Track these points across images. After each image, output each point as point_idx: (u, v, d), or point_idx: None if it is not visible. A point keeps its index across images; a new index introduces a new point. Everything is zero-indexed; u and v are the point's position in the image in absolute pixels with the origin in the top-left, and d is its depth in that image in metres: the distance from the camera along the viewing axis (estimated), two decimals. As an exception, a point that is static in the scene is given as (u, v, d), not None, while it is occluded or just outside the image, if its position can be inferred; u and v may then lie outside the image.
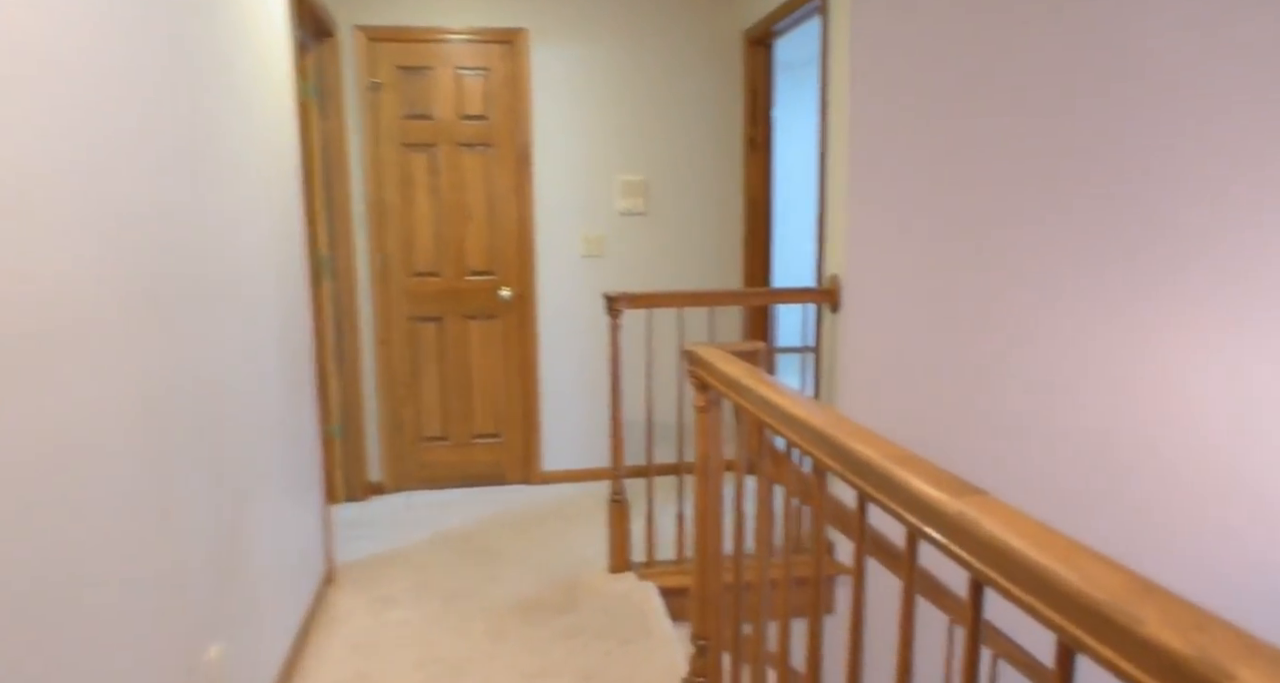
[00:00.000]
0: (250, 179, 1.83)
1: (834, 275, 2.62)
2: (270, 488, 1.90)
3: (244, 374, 1.71)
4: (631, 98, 3.35)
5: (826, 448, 0.87)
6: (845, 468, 0.83)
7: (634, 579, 2.53)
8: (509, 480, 3.45)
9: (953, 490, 0.66)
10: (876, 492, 0.78)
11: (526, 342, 3.38)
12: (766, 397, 1.02)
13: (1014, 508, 0.62)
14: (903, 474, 0.71)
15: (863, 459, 0.79)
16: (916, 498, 0.69)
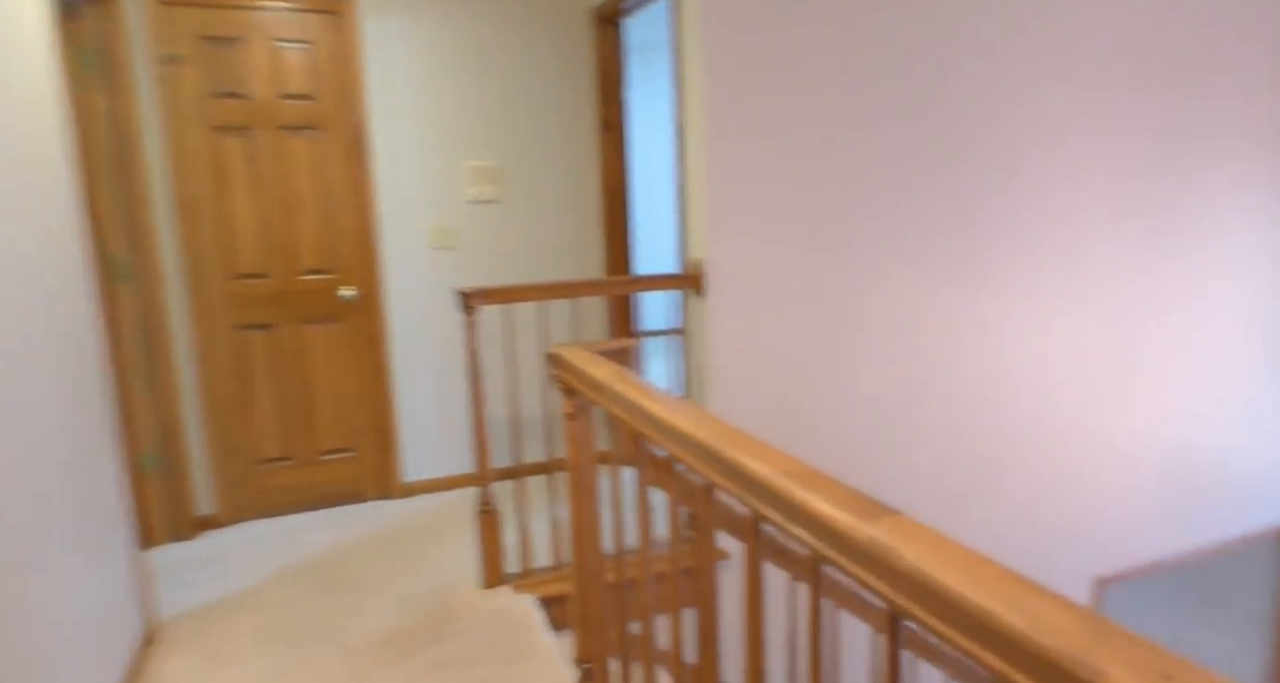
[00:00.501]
0: None
1: (697, 260, 2.56)
2: (50, 543, 1.56)
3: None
4: (477, 78, 3.12)
5: (714, 463, 0.77)
6: (736, 485, 0.73)
7: (510, 593, 2.37)
8: (366, 497, 3.16)
9: (863, 513, 0.57)
10: (773, 512, 0.68)
11: (375, 344, 3.09)
12: (642, 405, 0.90)
13: (935, 531, 0.54)
14: (803, 494, 0.62)
15: (756, 477, 0.69)
16: (820, 521, 0.60)
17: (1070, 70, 2.86)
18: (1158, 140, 3.06)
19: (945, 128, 2.72)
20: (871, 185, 2.65)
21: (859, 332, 2.71)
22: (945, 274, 2.80)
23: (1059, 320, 3.01)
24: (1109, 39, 2.90)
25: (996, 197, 2.83)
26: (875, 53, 2.58)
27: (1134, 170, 3.04)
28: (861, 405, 2.74)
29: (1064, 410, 3.08)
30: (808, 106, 2.54)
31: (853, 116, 2.59)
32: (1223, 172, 3.21)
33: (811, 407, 2.67)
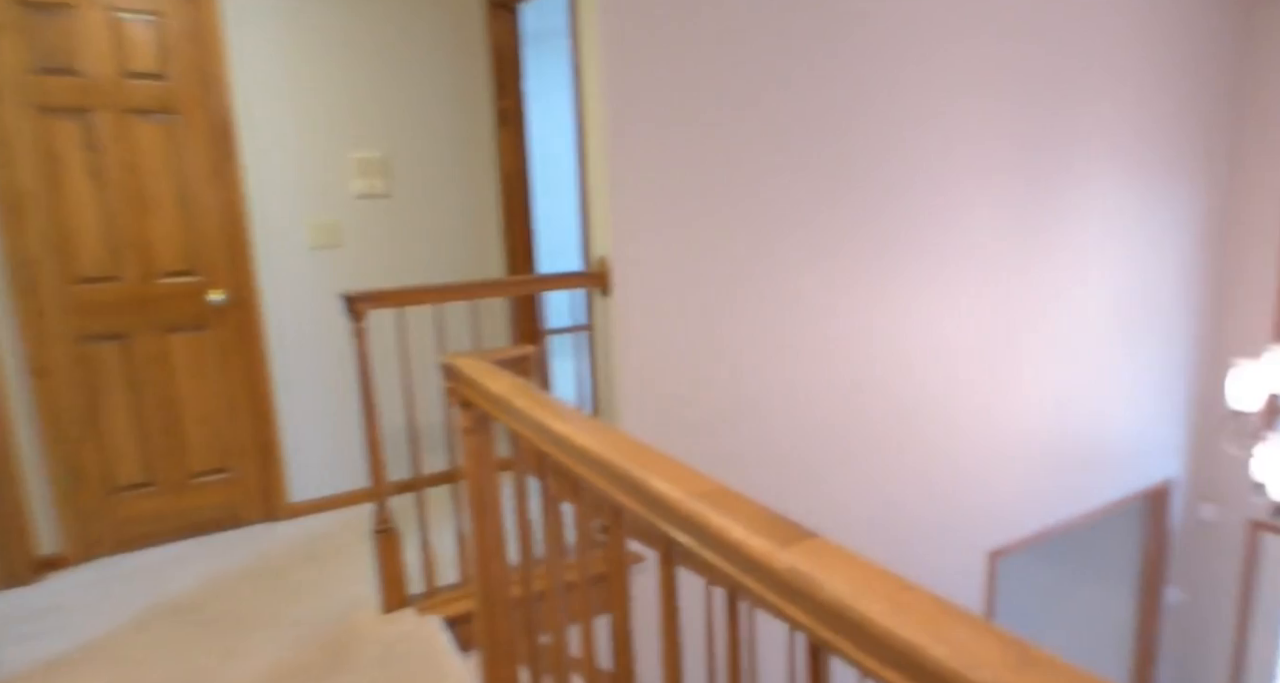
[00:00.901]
0: None
1: (602, 258, 2.52)
2: None
3: None
4: (362, 62, 2.95)
5: (622, 485, 0.73)
6: (646, 509, 0.70)
7: (413, 616, 2.26)
8: (246, 521, 2.94)
9: (779, 537, 0.55)
10: (686, 537, 0.65)
11: (252, 353, 2.87)
12: (545, 422, 0.85)
13: (854, 555, 0.52)
14: (717, 520, 0.59)
15: (666, 500, 0.66)
16: (735, 549, 0.57)
17: (958, 83, 3.00)
18: (1033, 148, 3.28)
19: (847, 130, 2.79)
20: (776, 184, 2.69)
21: (765, 328, 2.75)
22: (847, 271, 2.88)
23: (952, 313, 3.17)
24: (992, 54, 3.07)
25: (895, 198, 2.94)
26: (779, 52, 2.62)
27: (1014, 174, 3.24)
28: (768, 399, 2.79)
29: (958, 396, 3.26)
30: (712, 102, 2.54)
31: (757, 113, 2.62)
32: (1088, 175, 3.49)
33: (718, 402, 2.69)
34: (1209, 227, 4.12)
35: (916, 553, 3.28)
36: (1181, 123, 3.82)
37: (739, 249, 2.66)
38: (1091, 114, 3.44)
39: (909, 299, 3.05)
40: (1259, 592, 4.30)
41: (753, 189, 2.66)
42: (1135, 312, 3.84)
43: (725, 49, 2.53)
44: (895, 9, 2.82)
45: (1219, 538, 4.42)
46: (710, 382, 2.66)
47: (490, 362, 1.17)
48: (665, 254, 2.54)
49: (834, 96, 2.75)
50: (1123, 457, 3.97)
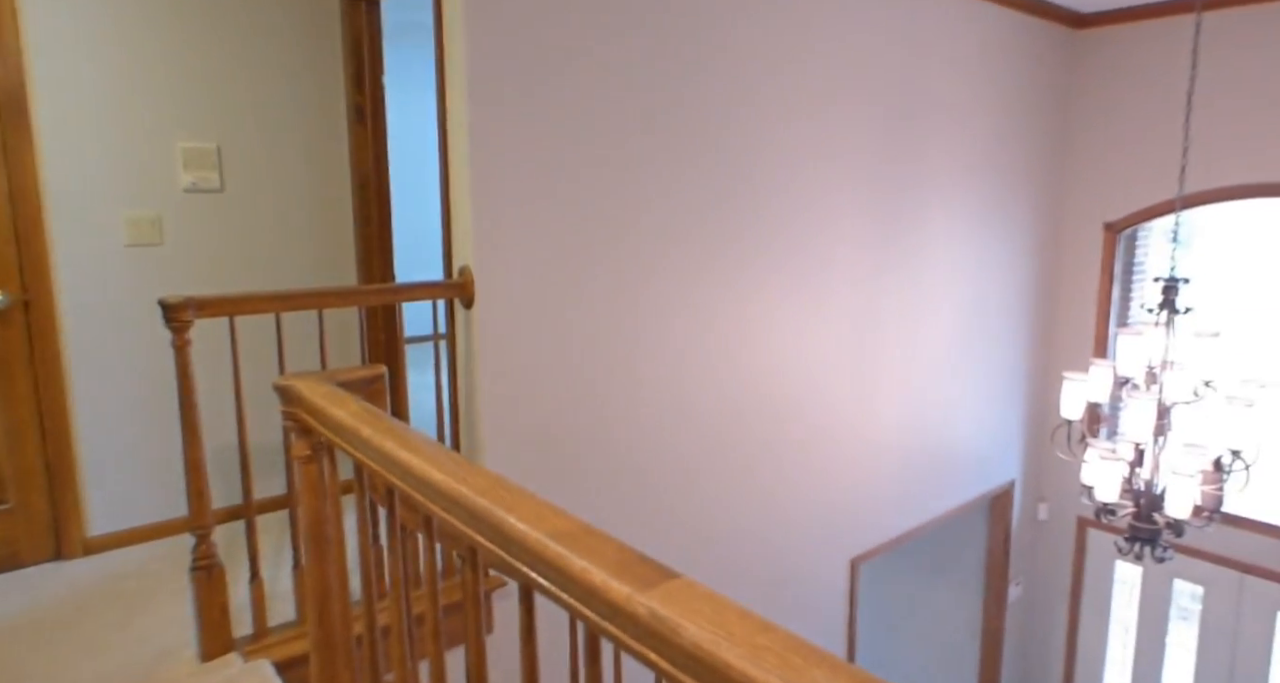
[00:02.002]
0: None
1: (464, 267, 2.45)
2: None
3: None
4: (197, 41, 2.71)
5: (477, 523, 0.70)
6: (503, 548, 0.68)
7: (239, 663, 2.07)
8: (29, 561, 2.59)
9: (639, 580, 0.55)
10: (545, 580, 0.63)
11: (45, 365, 2.55)
12: (394, 455, 0.81)
13: (718, 598, 0.53)
14: (578, 562, 0.58)
15: (524, 540, 0.64)
16: (594, 592, 0.56)
17: (817, 100, 3.20)
18: (886, 170, 3.56)
19: (715, 142, 2.89)
20: (646, 195, 2.74)
21: (633, 341, 2.78)
22: (715, 285, 2.97)
23: (816, 326, 3.36)
24: (848, 73, 3.29)
25: (759, 212, 3.08)
26: (642, 61, 2.67)
27: (868, 194, 3.50)
28: (636, 411, 2.82)
29: (824, 406, 3.46)
30: (581, 108, 2.54)
31: (626, 122, 2.65)
32: (935, 198, 3.84)
33: (583, 416, 2.69)
34: (1040, 252, 4.63)
35: (787, 562, 3.43)
36: (1016, 157, 4.29)
37: (607, 261, 2.68)
38: (940, 142, 3.78)
39: (776, 312, 3.19)
40: (1087, 582, 4.84)
41: (622, 200, 2.69)
42: (977, 327, 4.25)
43: (594, 56, 2.55)
44: (761, 28, 2.96)
45: (1052, 535, 4.94)
46: (575, 396, 2.65)
47: (335, 383, 1.10)
48: (531, 265, 2.51)
49: (703, 110, 2.84)
50: (970, 462, 4.37)
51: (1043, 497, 4.96)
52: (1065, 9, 4.30)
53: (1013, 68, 4.13)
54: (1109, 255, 4.54)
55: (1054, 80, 4.47)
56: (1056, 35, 4.40)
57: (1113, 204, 4.51)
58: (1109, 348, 4.59)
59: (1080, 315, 4.70)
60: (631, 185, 2.70)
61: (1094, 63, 4.52)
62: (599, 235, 2.64)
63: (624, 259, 2.71)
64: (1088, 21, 4.47)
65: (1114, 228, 4.53)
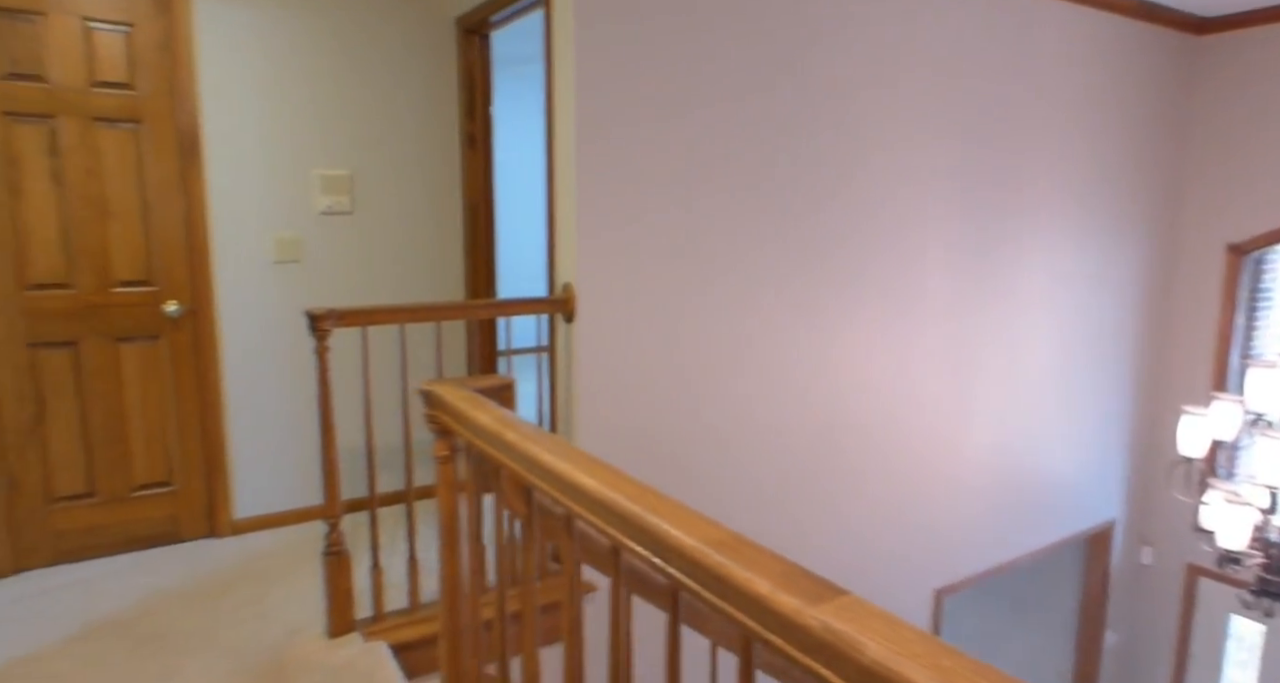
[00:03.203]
0: None
1: (567, 284, 2.47)
2: None
3: None
4: (332, 79, 2.85)
5: (627, 527, 0.68)
6: (652, 553, 0.65)
7: (359, 642, 2.11)
8: (187, 537, 2.73)
9: (808, 594, 0.51)
10: (695, 583, 0.61)
11: (205, 366, 2.69)
12: (540, 459, 0.80)
13: (889, 615, 0.49)
14: (738, 572, 0.55)
15: (678, 546, 0.61)
16: (757, 602, 0.53)
17: (913, 124, 3.08)
18: (984, 193, 3.35)
19: (813, 167, 2.82)
20: (743, 218, 2.69)
21: (727, 359, 2.73)
22: (808, 307, 2.89)
23: (906, 351, 3.20)
24: (945, 97, 3.16)
25: (854, 236, 2.98)
26: (747, 88, 2.64)
27: (966, 218, 3.31)
28: (727, 429, 2.76)
29: (912, 434, 3.27)
30: (681, 135, 2.53)
31: (725, 148, 2.62)
32: (1038, 220, 3.56)
33: (677, 431, 2.65)
34: (1152, 275, 4.10)
35: (868, 587, 3.23)
36: (1127, 175, 3.85)
37: (702, 283, 2.65)
38: (1041, 162, 3.51)
39: (867, 337, 3.07)
40: (1197, 636, 4.17)
41: (718, 224, 2.65)
42: (1080, 357, 3.83)
43: (693, 84, 2.54)
44: (854, 51, 2.88)
45: (1157, 582, 4.30)
46: (670, 411, 2.62)
47: (471, 390, 1.11)
48: (629, 284, 2.51)
49: (800, 135, 2.78)
50: (1066, 498, 3.91)
51: (1147, 539, 4.30)
52: (1184, 14, 3.75)
53: (1124, 78, 3.71)
54: (1232, 280, 3.90)
55: (1171, 91, 3.95)
56: (1174, 42, 3.87)
57: (1238, 224, 3.87)
58: (1232, 381, 3.98)
59: (1197, 345, 4.05)
60: (727, 210, 2.66)
61: (1217, 71, 3.90)
62: (694, 258, 2.62)
63: (718, 282, 2.68)
64: (1209, 27, 3.88)
65: (1240, 250, 3.88)
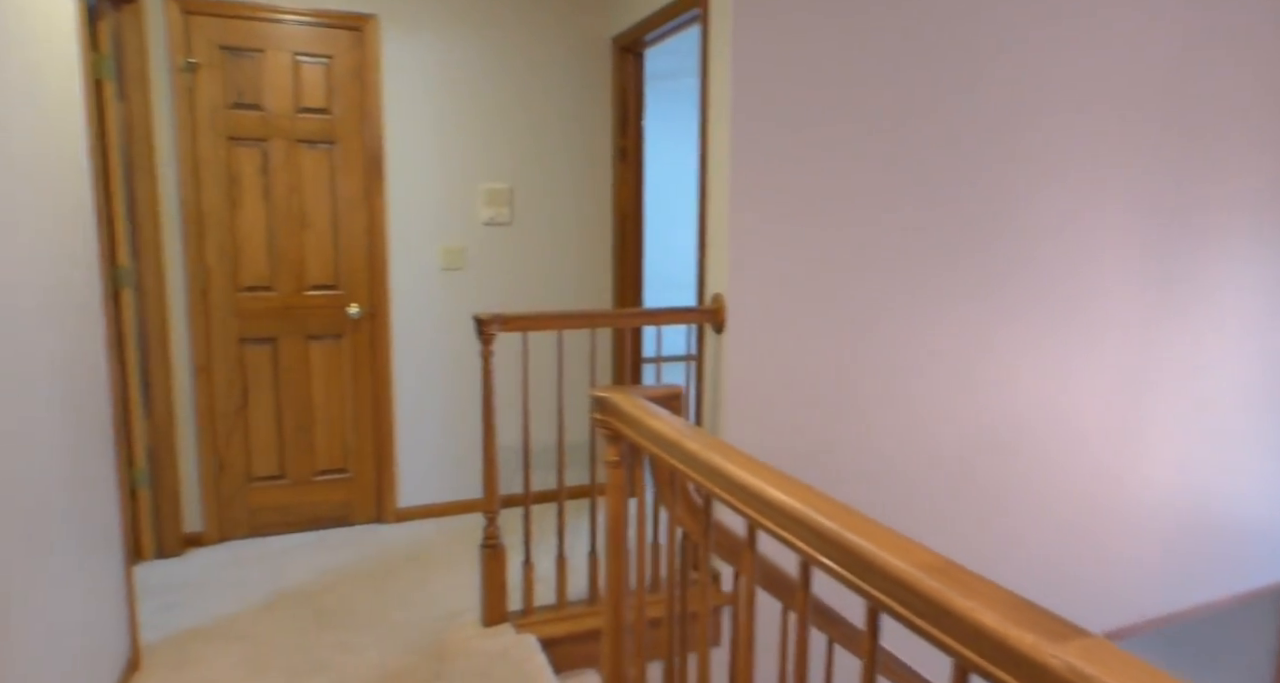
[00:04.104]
0: (16, 174, 1.36)
1: (718, 295, 2.49)
2: (46, 569, 1.42)
3: (1, 430, 1.25)
4: (496, 99, 3.05)
5: (822, 545, 0.68)
6: (853, 572, 0.65)
7: (511, 633, 2.23)
8: (358, 520, 3.01)
9: (1045, 631, 0.49)
10: (905, 609, 0.59)
11: (379, 364, 2.96)
12: (725, 469, 0.81)
13: (1142, 663, 0.46)
14: (960, 601, 0.53)
15: (886, 568, 0.60)
16: (983, 635, 0.51)
17: (1089, 136, 2.85)
18: (1166, 206, 3.05)
19: (974, 180, 2.69)
20: (901, 233, 2.61)
21: (880, 375, 2.64)
22: (968, 324, 2.75)
23: (1075, 371, 2.96)
24: (1126, 110, 2.90)
25: (1021, 251, 2.80)
26: (908, 103, 2.56)
27: (1147, 222, 3.02)
28: (876, 444, 2.67)
29: (1077, 462, 3.01)
30: (837, 149, 2.49)
31: (883, 163, 2.55)
32: (1226, 237, 3.20)
33: (824, 446, 2.59)
34: None
35: None
36: None
37: (858, 296, 2.58)
38: (1232, 175, 3.17)
39: (1027, 356, 2.87)
40: None
41: (875, 237, 2.58)
42: (1277, 387, 3.46)
43: (852, 97, 2.49)
44: (1028, 62, 2.72)
45: None
46: (816, 426, 2.57)
47: (644, 398, 1.15)
48: (782, 296, 2.49)
49: (961, 149, 2.66)
50: (1262, 543, 3.48)
51: (1363, 597, 3.77)
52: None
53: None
54: None
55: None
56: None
57: None
58: None
59: None
60: (881, 222, 2.58)
61: None
62: (846, 271, 2.56)
63: (869, 294, 2.60)
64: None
65: None
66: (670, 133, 4.86)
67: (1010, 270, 2.80)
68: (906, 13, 2.52)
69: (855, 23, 2.46)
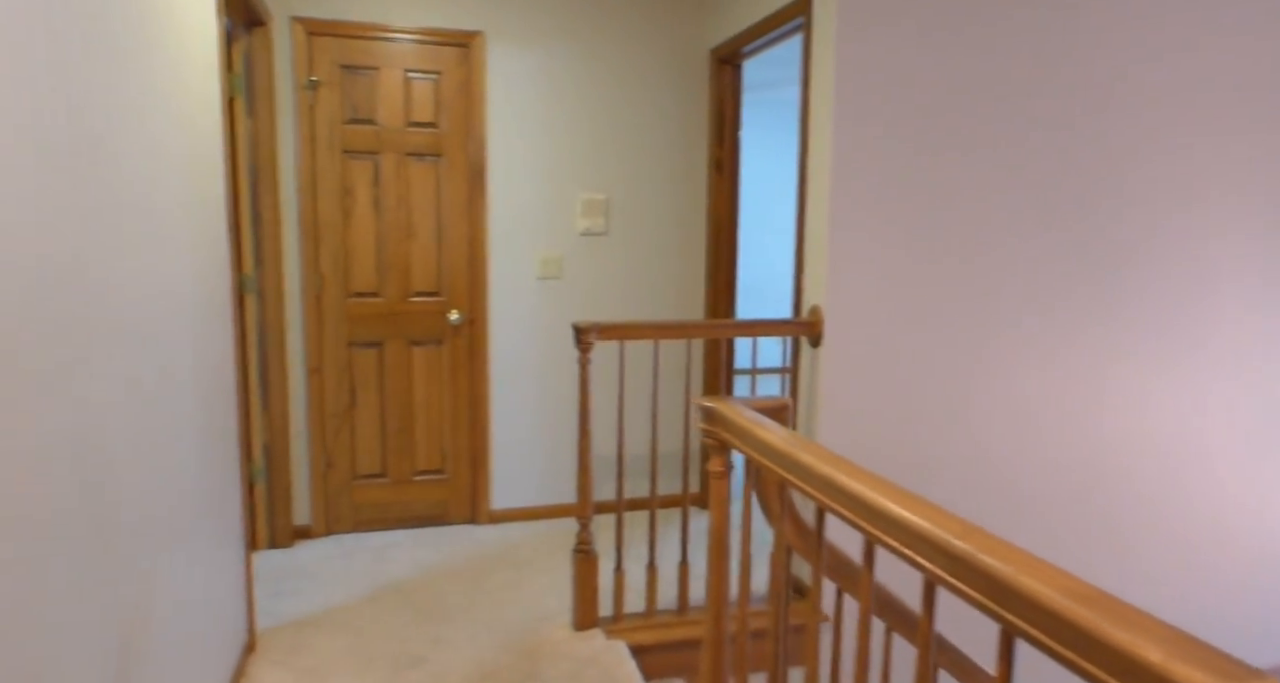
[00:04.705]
0: (169, 184, 1.51)
1: (815, 307, 2.45)
2: (184, 557, 1.56)
3: (152, 420, 1.38)
4: (594, 111, 3.13)
5: (953, 566, 0.66)
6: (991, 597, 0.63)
7: (602, 638, 2.26)
8: (453, 520, 3.13)
9: (1216, 671, 0.46)
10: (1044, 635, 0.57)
11: (476, 369, 3.08)
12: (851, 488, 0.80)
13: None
14: (1118, 634, 0.51)
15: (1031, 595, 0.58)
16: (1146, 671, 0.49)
17: (1212, 133, 2.65)
18: (1316, 204, 2.79)
19: (1088, 196, 2.55)
20: (1006, 248, 2.50)
21: (974, 395, 2.53)
22: (1079, 338, 2.60)
23: (1199, 400, 2.74)
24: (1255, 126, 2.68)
25: (1136, 259, 2.63)
26: (1022, 114, 2.45)
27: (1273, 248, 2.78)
28: (967, 472, 2.55)
29: (1202, 495, 2.79)
30: (942, 163, 2.42)
31: (990, 176, 2.46)
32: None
33: (914, 462, 2.50)
34: None
35: None
36: None
37: (956, 312, 2.49)
38: None
39: (1155, 381, 2.68)
40: None
41: (980, 252, 2.48)
42: None
43: (964, 111, 2.41)
44: (1158, 86, 2.56)
45: None
46: (909, 440, 2.49)
47: (751, 409, 1.15)
48: (879, 310, 2.43)
49: (1075, 165, 2.53)
50: None
51: None
52: None
53: None
54: None
55: None
56: None
57: None
58: None
59: None
60: (992, 240, 2.48)
61: None
62: (950, 287, 2.47)
63: (973, 311, 2.50)
64: None
65: None
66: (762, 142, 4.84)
67: (1133, 294, 2.63)
68: (1028, 28, 2.42)
69: (969, 37, 2.38)
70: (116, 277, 1.22)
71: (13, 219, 0.91)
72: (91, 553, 1.11)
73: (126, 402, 1.26)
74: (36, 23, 0.98)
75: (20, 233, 0.92)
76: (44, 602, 0.96)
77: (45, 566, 0.96)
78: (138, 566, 1.29)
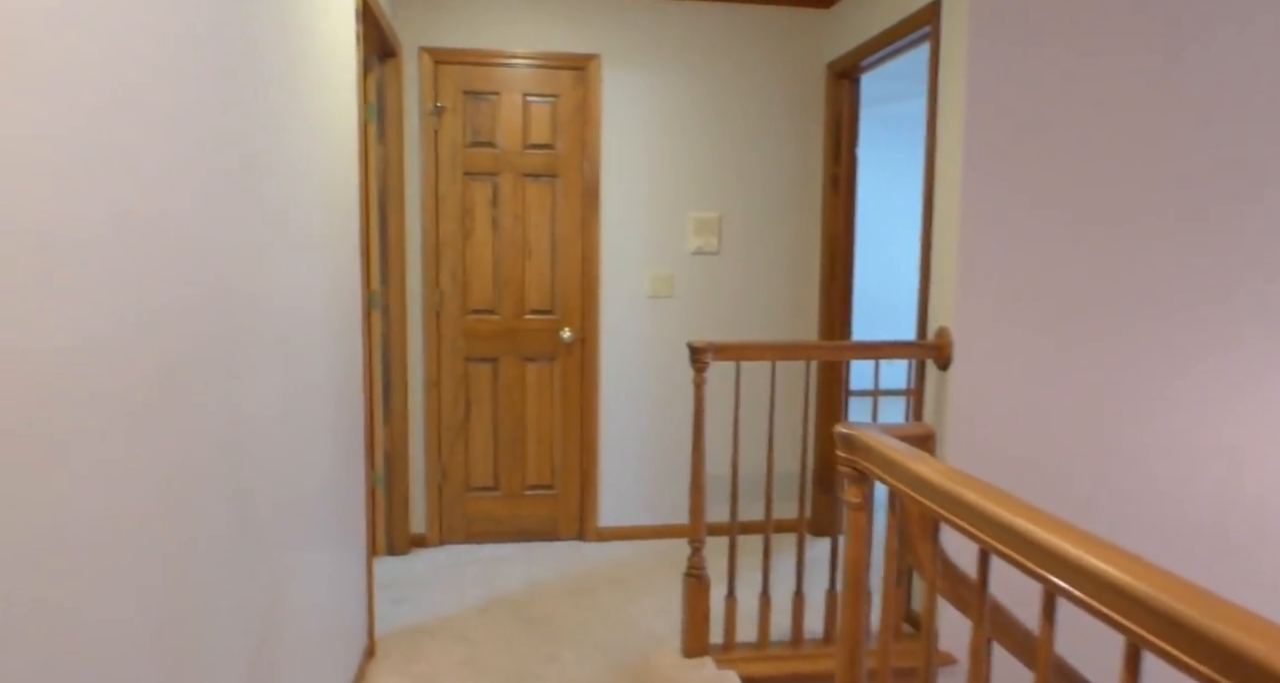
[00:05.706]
0: (313, 204, 1.61)
1: (942, 329, 2.33)
2: (315, 560, 1.64)
3: (296, 429, 1.47)
4: (707, 130, 3.13)
5: (1168, 629, 0.59)
6: (1195, 656, 0.55)
7: (712, 667, 2.21)
8: (561, 536, 3.17)
9: None
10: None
11: (587, 386, 3.12)
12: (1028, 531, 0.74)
13: None
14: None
15: (1239, 649, 0.51)
16: None
17: None
18: None
19: (1249, 207, 2.31)
20: (1148, 274, 2.30)
21: (1110, 427, 2.32)
22: (1217, 378, 2.34)
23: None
24: None
25: None
26: (1167, 123, 2.26)
27: None
28: (1101, 508, 2.34)
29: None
30: (1082, 171, 2.25)
31: (1137, 189, 2.27)
32: None
33: (1044, 496, 2.32)
34: None
35: None
36: None
37: (1092, 337, 2.30)
38: None
39: (1333, 409, 2.38)
40: None
41: (1126, 269, 2.29)
42: None
43: (1104, 120, 2.24)
44: None
45: None
46: (1040, 472, 2.31)
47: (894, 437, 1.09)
48: (1016, 332, 2.28)
49: (1238, 179, 2.29)
50: None
51: None
52: None
53: None
54: None
55: None
56: None
57: None
58: None
59: None
60: (1133, 267, 2.29)
61: None
62: (1085, 311, 2.29)
63: (1111, 338, 2.30)
64: None
65: None
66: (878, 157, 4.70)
67: None
68: (1170, 31, 2.23)
69: (1102, 42, 2.22)
70: (264, 289, 1.31)
71: (188, 232, 0.99)
72: (239, 554, 1.18)
73: (276, 411, 1.35)
74: (225, 55, 1.07)
75: (194, 248, 1.00)
76: (195, 598, 1.03)
77: (199, 565, 1.03)
78: (276, 567, 1.37)
